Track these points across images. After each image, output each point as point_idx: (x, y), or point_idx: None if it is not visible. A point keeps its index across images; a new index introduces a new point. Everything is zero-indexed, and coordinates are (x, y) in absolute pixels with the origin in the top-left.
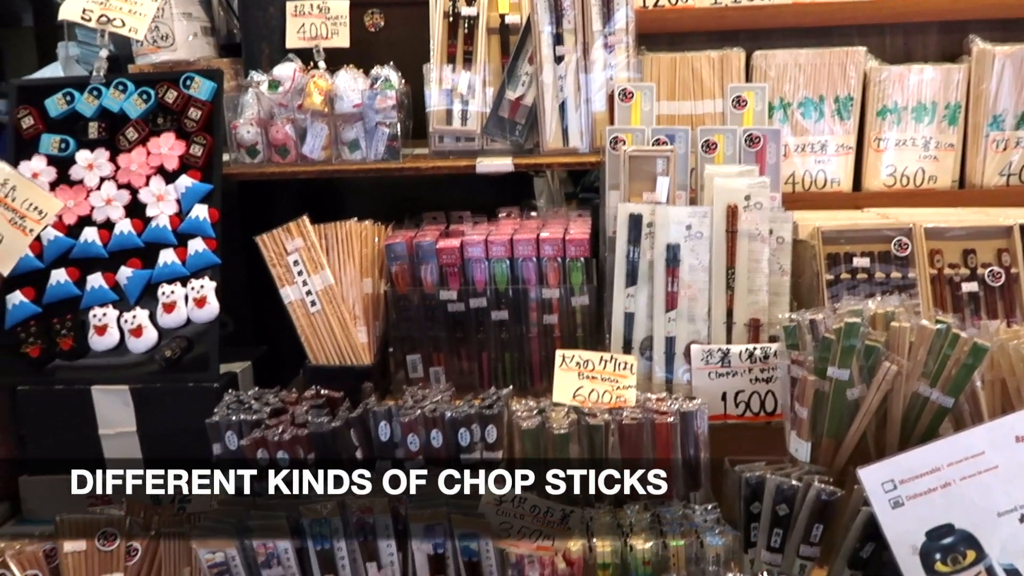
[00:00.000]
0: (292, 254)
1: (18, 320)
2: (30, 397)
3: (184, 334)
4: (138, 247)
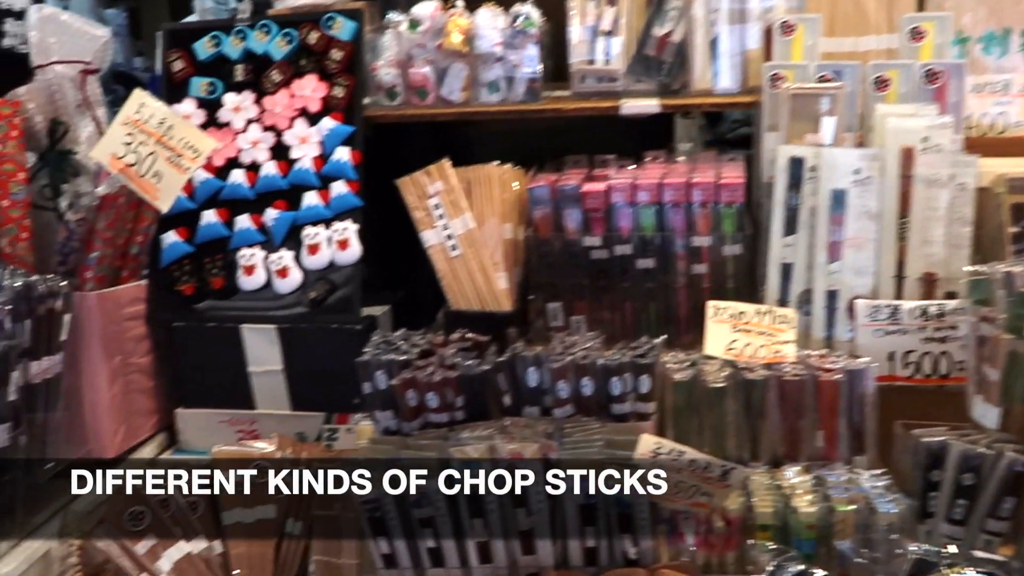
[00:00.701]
0: (433, 197)
1: (173, 259)
2: (185, 333)
3: (328, 276)
4: (283, 189)
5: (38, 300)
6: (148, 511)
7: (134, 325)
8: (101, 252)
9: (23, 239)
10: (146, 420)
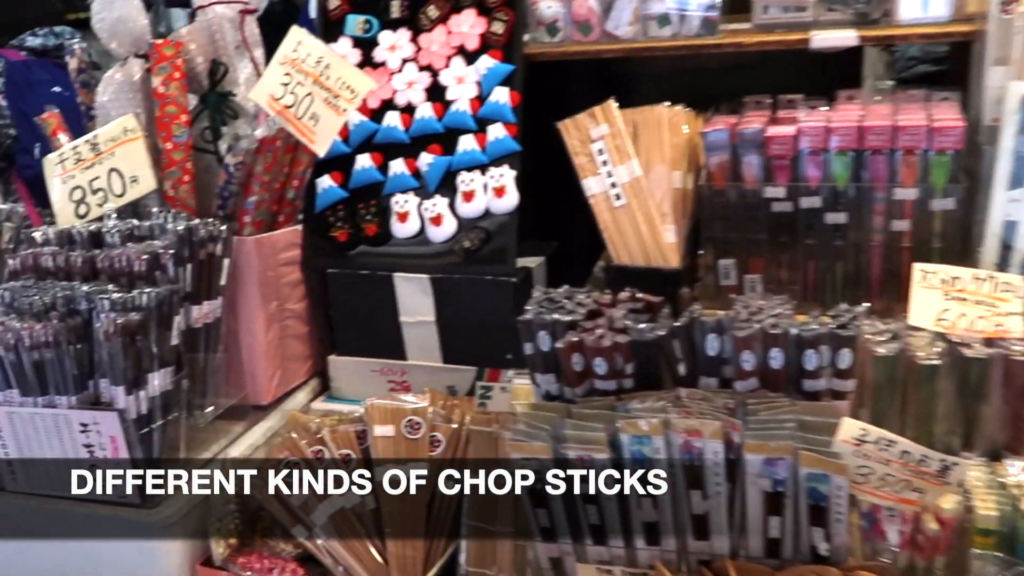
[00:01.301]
0: (597, 142)
1: (327, 204)
2: (338, 280)
3: (483, 225)
4: (438, 132)
5: (199, 244)
6: (302, 463)
7: (290, 271)
8: (259, 196)
9: (185, 182)
10: (300, 366)
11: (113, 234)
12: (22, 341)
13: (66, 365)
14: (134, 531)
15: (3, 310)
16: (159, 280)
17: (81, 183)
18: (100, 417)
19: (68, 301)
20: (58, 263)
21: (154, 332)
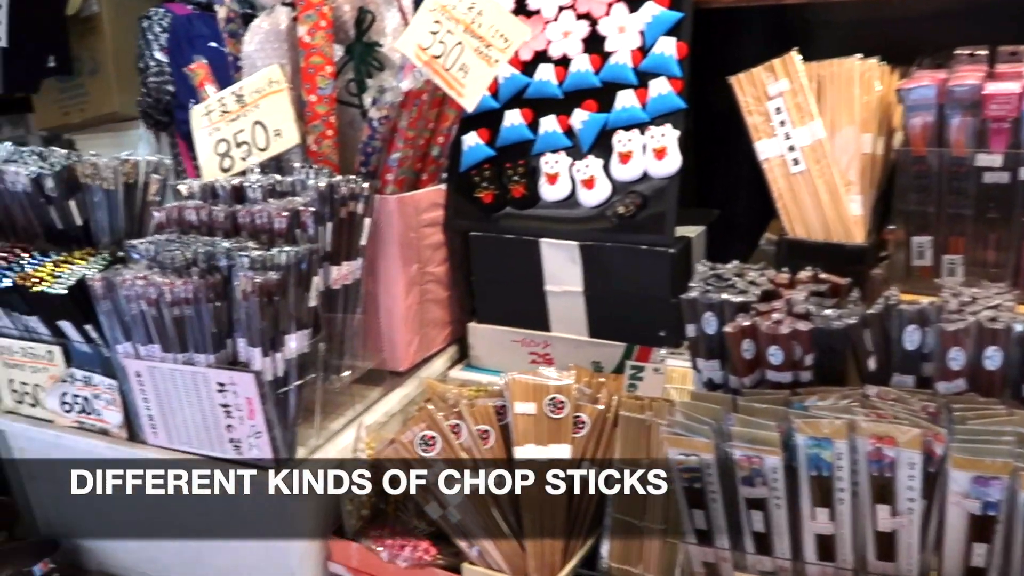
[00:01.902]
0: (774, 99)
1: (473, 163)
2: (482, 244)
3: (639, 189)
4: (594, 87)
5: (340, 202)
6: (439, 437)
7: (431, 232)
8: (402, 153)
9: (328, 137)
10: (439, 332)
11: (255, 189)
12: (163, 296)
13: (205, 322)
14: (267, 494)
15: (147, 263)
16: (299, 238)
17: (226, 136)
18: (237, 378)
19: (209, 257)
20: (201, 217)
21: (292, 292)
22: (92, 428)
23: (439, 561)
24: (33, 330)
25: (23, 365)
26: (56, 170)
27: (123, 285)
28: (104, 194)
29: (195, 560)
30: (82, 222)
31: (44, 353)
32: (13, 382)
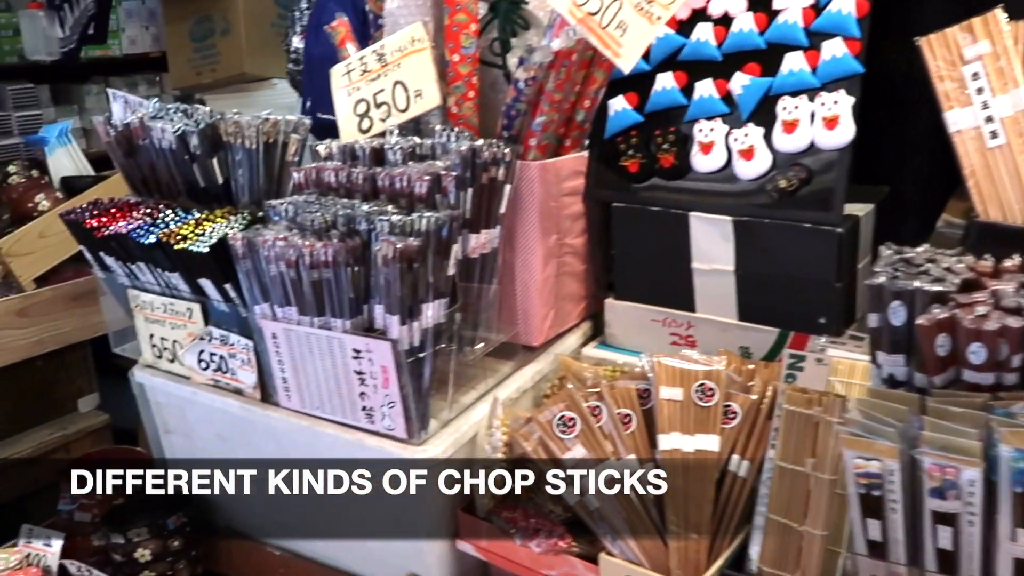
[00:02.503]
0: (971, 63)
1: (619, 129)
2: (624, 216)
3: (804, 161)
4: (758, 49)
5: (482, 167)
6: (579, 419)
7: (571, 202)
8: (547, 117)
9: (470, 99)
10: (574, 307)
11: (395, 151)
12: (303, 259)
13: (343, 287)
14: (398, 464)
15: (286, 225)
16: (439, 204)
17: (366, 96)
18: (374, 345)
19: (348, 220)
20: (339, 179)
21: (431, 260)
22: (227, 387)
23: (574, 549)
24: (174, 287)
25: (163, 321)
26: (201, 127)
27: (263, 245)
28: (245, 153)
29: (323, 526)
30: (223, 180)
31: (184, 310)
32: (153, 337)
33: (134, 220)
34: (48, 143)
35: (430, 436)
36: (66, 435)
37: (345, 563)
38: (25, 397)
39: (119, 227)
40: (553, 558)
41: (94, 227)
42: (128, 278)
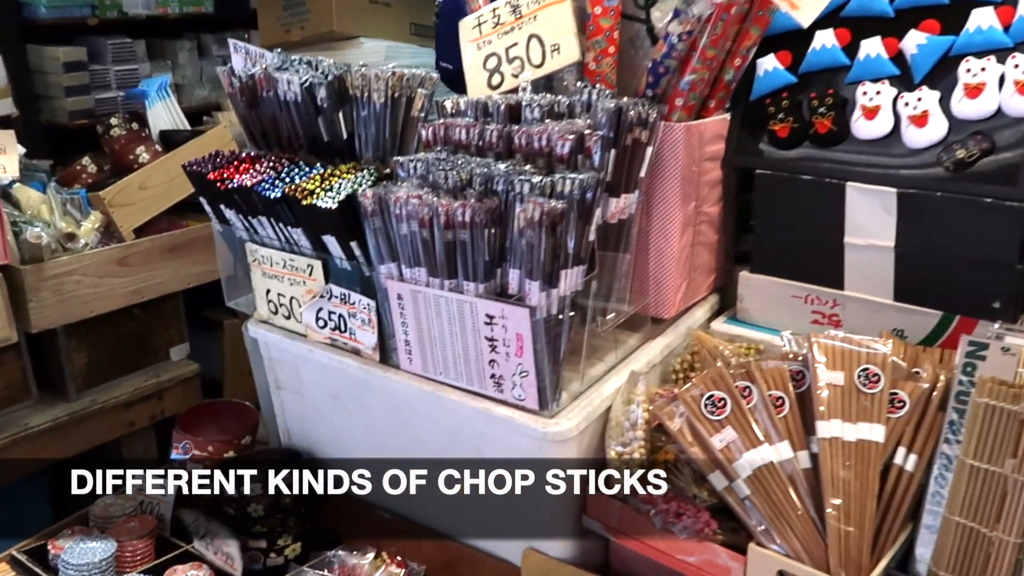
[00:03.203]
0: None
1: (768, 90)
2: (769, 184)
3: (987, 130)
4: (939, 4)
5: (627, 128)
6: (729, 400)
7: (711, 167)
8: (698, 75)
9: (610, 54)
10: (704, 279)
11: (533, 108)
12: (437, 218)
13: (479, 249)
14: (526, 435)
15: (417, 182)
16: (580, 165)
17: (497, 50)
18: (510, 311)
19: (486, 180)
20: (471, 136)
21: (574, 224)
22: (344, 346)
23: (719, 537)
24: (295, 242)
25: (282, 277)
26: (328, 79)
27: (395, 203)
28: (371, 107)
29: (437, 496)
30: (347, 135)
31: (304, 267)
32: (270, 292)
33: (258, 173)
34: (148, 97)
35: (561, 408)
36: (159, 382)
37: (459, 532)
38: (122, 344)
39: (242, 180)
40: (693, 544)
41: (217, 179)
42: (247, 232)
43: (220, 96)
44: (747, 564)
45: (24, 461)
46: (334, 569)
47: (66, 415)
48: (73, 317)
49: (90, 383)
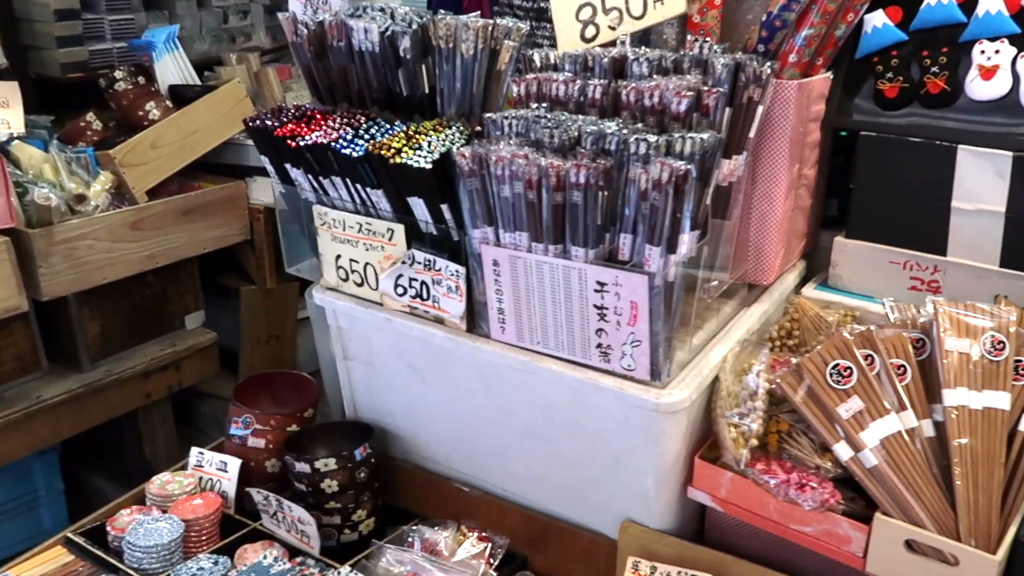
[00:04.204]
0: None
1: (876, 48)
2: (874, 146)
3: None
4: None
5: (742, 87)
6: (855, 369)
7: (813, 128)
8: (816, 30)
9: (715, 6)
10: (797, 244)
11: (641, 63)
12: (547, 179)
13: (591, 212)
14: (635, 406)
15: (516, 141)
16: (695, 124)
17: (592, 0)
18: (624, 279)
19: (597, 139)
20: (570, 92)
21: (694, 187)
22: (425, 315)
23: (841, 507)
24: (373, 204)
25: (356, 241)
26: (413, 28)
27: (497, 163)
28: (458, 59)
29: (523, 466)
30: (428, 89)
31: (384, 231)
32: (340, 258)
33: (332, 130)
34: (156, 48)
35: (671, 379)
36: (176, 351)
37: (547, 505)
38: (137, 312)
39: (315, 137)
40: (811, 514)
41: (287, 136)
42: (314, 193)
43: (221, 49)
44: (871, 534)
45: (38, 435)
46: (413, 544)
47: (80, 387)
48: (86, 284)
49: (104, 353)
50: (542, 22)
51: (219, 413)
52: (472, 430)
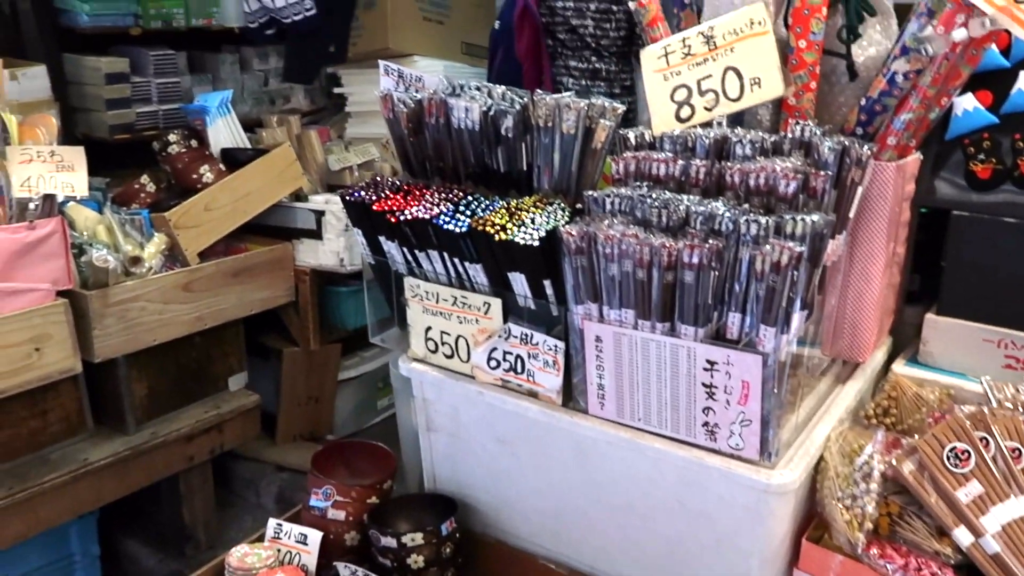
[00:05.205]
0: None
1: (966, 130)
2: (966, 226)
3: None
4: None
5: (846, 169)
6: (972, 452)
7: (906, 207)
8: (914, 115)
9: (811, 90)
10: (887, 321)
11: (744, 144)
12: (659, 258)
13: (703, 291)
14: (744, 486)
15: (622, 219)
16: (801, 205)
17: (687, 81)
18: (737, 358)
19: (708, 219)
20: (671, 171)
21: (804, 267)
22: (518, 388)
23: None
24: (470, 278)
25: (449, 314)
26: (515, 108)
27: (607, 242)
28: (557, 137)
29: (615, 544)
30: (526, 166)
31: (480, 304)
32: (431, 330)
33: (430, 204)
34: (209, 113)
35: (779, 458)
36: (220, 414)
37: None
38: (183, 374)
39: (416, 212)
40: None
41: (385, 211)
42: (406, 266)
43: (261, 112)
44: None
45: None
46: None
47: (127, 449)
48: (137, 345)
49: (149, 415)
50: (596, 81)
51: (255, 476)
52: (563, 505)
